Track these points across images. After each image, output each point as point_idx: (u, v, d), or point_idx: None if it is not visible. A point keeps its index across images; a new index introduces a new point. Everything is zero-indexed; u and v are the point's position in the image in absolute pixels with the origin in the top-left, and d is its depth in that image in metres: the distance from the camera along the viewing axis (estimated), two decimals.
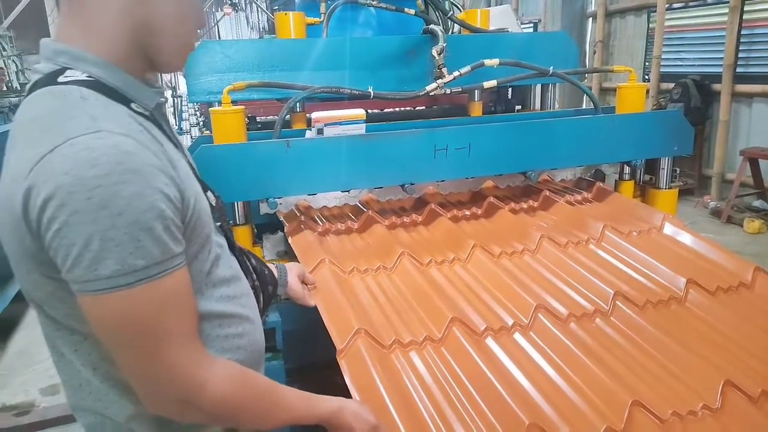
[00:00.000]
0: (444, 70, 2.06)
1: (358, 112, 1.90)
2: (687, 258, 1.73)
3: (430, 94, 2.05)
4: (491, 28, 2.76)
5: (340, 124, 1.85)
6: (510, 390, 1.16)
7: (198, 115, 6.01)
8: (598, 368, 1.26)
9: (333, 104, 2.31)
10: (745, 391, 1.22)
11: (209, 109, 1.92)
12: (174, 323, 0.83)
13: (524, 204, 2.09)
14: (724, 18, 6.14)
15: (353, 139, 1.80)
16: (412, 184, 1.89)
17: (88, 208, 0.73)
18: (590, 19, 8.84)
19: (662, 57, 7.04)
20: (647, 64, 7.56)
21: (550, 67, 2.17)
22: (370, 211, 1.91)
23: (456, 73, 2.04)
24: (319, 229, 1.84)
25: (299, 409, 0.99)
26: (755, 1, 5.92)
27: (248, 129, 1.87)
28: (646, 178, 2.25)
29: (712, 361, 1.31)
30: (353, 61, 2.24)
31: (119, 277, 0.76)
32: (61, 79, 0.83)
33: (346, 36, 2.65)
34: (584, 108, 2.86)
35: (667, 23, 6.97)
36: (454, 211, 2.03)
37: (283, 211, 1.85)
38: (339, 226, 1.89)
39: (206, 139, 1.94)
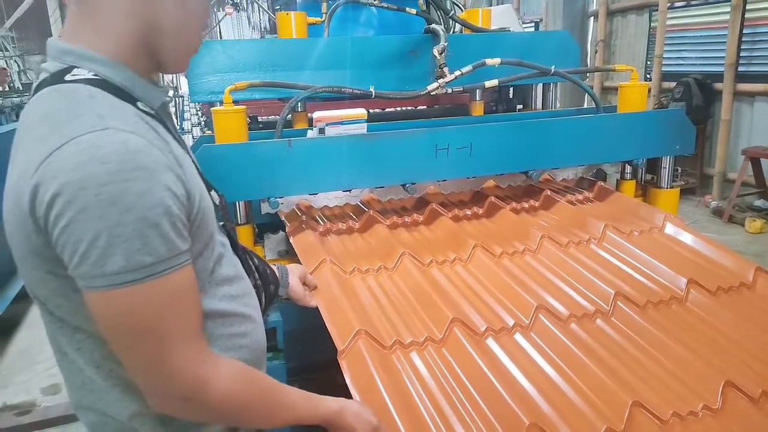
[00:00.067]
0: (445, 69, 2.06)
1: (360, 112, 1.90)
2: (688, 258, 1.73)
3: (432, 93, 2.05)
4: (493, 28, 2.76)
5: (342, 123, 1.85)
6: (510, 390, 1.16)
7: (199, 114, 6.02)
8: (598, 368, 1.26)
9: (334, 104, 2.31)
10: (746, 391, 1.22)
11: (211, 108, 1.92)
12: (179, 320, 0.84)
13: (525, 204, 2.09)
14: (726, 17, 6.13)
15: (355, 138, 1.80)
16: (413, 184, 1.89)
17: (96, 204, 0.74)
18: (592, 18, 8.85)
19: (664, 56, 7.03)
20: (649, 63, 7.55)
21: (552, 67, 2.16)
22: (371, 211, 1.91)
23: (457, 73, 2.04)
24: (321, 229, 1.84)
25: (302, 408, 0.99)
26: None
27: (250, 129, 1.87)
28: (648, 177, 2.24)
29: (713, 362, 1.31)
30: (355, 61, 2.24)
31: (126, 273, 0.76)
32: (68, 78, 0.84)
33: (347, 36, 2.65)
34: (586, 107, 2.85)
35: (669, 22, 6.96)
36: (456, 210, 2.03)
37: (285, 210, 1.85)
38: (340, 226, 1.89)
39: (208, 138, 1.94)
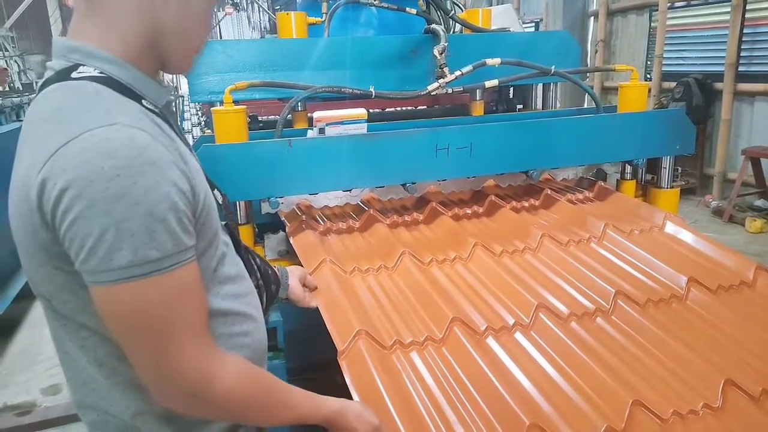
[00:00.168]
0: (445, 69, 2.06)
1: (360, 112, 1.90)
2: (688, 256, 1.73)
3: (432, 93, 2.05)
4: (493, 28, 2.76)
5: (342, 123, 1.85)
6: (510, 390, 1.16)
7: (199, 114, 6.02)
8: (598, 367, 1.26)
9: (334, 104, 2.31)
10: (746, 390, 1.22)
11: (211, 108, 1.92)
12: (185, 316, 0.84)
13: (526, 202, 2.09)
14: (726, 17, 6.14)
15: (355, 138, 1.80)
16: (413, 183, 1.89)
17: (104, 199, 0.74)
18: (592, 18, 8.85)
19: (664, 56, 7.03)
20: (649, 63, 7.55)
21: (552, 67, 2.16)
22: (371, 210, 1.91)
23: (457, 73, 2.04)
24: (321, 229, 1.84)
25: (305, 407, 0.99)
26: None
27: (250, 128, 1.87)
28: (648, 177, 2.24)
29: (713, 360, 1.31)
30: (355, 61, 2.24)
31: (133, 267, 0.77)
32: (74, 75, 0.84)
33: (347, 36, 2.65)
34: (586, 107, 2.86)
35: (669, 22, 6.96)
36: (456, 209, 2.03)
37: (285, 210, 1.85)
38: (340, 226, 1.89)
39: (208, 138, 1.94)
